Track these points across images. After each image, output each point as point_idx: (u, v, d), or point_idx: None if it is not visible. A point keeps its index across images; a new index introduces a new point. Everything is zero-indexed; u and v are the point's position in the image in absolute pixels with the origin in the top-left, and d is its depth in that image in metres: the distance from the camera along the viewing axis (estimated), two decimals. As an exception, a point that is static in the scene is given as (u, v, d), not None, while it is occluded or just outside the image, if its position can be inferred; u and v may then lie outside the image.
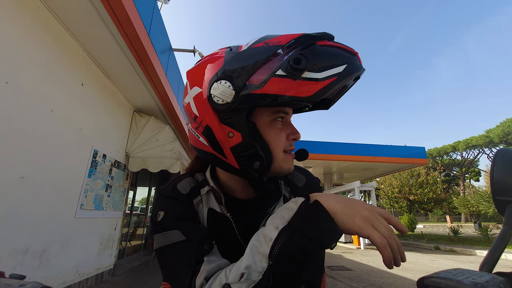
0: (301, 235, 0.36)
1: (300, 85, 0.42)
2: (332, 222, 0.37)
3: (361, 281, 4.77)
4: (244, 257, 0.39)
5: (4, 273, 0.44)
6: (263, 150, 0.48)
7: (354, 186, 10.75)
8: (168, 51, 4.75)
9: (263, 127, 0.49)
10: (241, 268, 0.37)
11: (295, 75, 0.42)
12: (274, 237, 0.37)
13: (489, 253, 0.34)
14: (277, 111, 0.51)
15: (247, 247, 0.40)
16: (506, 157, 0.39)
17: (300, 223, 0.37)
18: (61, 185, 3.12)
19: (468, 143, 36.18)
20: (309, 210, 0.38)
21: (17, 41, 2.41)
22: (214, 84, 0.46)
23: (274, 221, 0.39)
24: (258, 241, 0.39)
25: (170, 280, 0.46)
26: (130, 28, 2.94)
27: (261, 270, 0.36)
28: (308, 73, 0.42)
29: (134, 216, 7.06)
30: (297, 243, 0.35)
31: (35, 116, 2.66)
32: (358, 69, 0.45)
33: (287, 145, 0.52)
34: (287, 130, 0.53)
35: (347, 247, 10.67)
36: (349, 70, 0.43)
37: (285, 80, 0.42)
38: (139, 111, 5.22)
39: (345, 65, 0.43)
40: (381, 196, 32.28)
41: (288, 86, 0.42)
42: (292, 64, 0.42)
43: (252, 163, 0.47)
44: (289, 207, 0.40)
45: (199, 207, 0.55)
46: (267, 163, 0.48)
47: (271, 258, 0.36)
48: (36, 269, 2.74)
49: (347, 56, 0.45)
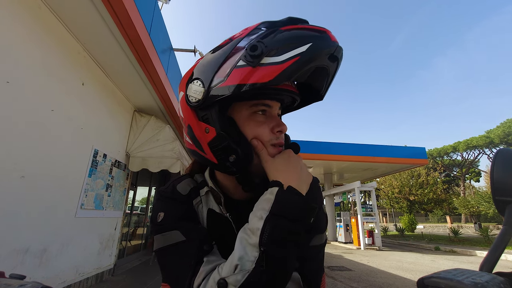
0: (284, 218, 0.40)
1: (259, 72, 0.42)
2: (305, 201, 0.42)
3: (361, 281, 4.77)
4: (235, 250, 0.40)
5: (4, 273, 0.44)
6: (238, 143, 0.48)
7: (354, 186, 10.75)
8: (169, 51, 4.75)
9: (242, 121, 0.50)
10: (234, 260, 0.38)
11: (253, 62, 0.43)
12: (261, 226, 0.39)
13: (489, 253, 0.34)
14: (255, 104, 0.50)
15: (236, 241, 0.42)
16: (506, 157, 0.39)
17: (280, 209, 0.40)
18: (61, 185, 3.12)
19: (469, 143, 36.15)
20: (285, 196, 0.41)
21: (18, 41, 2.42)
22: (189, 85, 0.50)
23: (257, 213, 0.42)
24: (246, 233, 0.41)
25: (170, 281, 0.46)
26: (131, 28, 2.94)
27: (253, 259, 0.38)
28: (267, 58, 0.43)
29: (134, 216, 7.07)
30: (282, 226, 0.39)
31: (36, 115, 2.67)
32: (327, 46, 0.43)
33: (273, 138, 0.51)
34: (271, 123, 0.51)
35: (347, 247, 10.66)
36: (315, 48, 0.42)
37: (246, 69, 0.44)
38: (139, 110, 5.22)
39: (309, 44, 0.42)
40: (381, 196, 32.28)
41: (248, 74, 0.43)
42: (249, 52, 0.43)
43: (227, 156, 0.48)
44: (267, 198, 0.42)
45: (199, 207, 0.55)
46: (244, 157, 0.48)
47: (261, 245, 0.38)
48: (36, 268, 2.74)
49: (313, 36, 0.44)
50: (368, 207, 11.20)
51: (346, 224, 11.94)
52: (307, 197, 0.43)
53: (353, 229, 10.91)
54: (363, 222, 10.45)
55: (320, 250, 0.53)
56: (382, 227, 16.61)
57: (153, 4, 3.77)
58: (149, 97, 4.69)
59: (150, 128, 5.12)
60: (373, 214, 10.94)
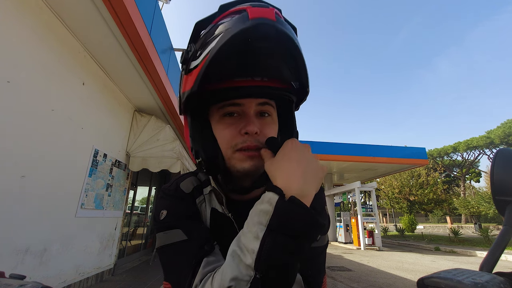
0: (283, 236, 0.34)
1: (187, 79, 0.42)
2: (312, 214, 0.35)
3: (361, 281, 4.76)
4: (227, 266, 0.35)
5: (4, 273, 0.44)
6: (204, 147, 0.49)
7: (355, 187, 10.74)
8: (169, 51, 4.75)
9: (214, 125, 0.50)
10: (226, 281, 0.34)
11: (185, 70, 0.43)
12: (257, 249, 0.34)
13: (489, 253, 0.34)
14: (223, 106, 0.48)
15: (228, 254, 0.37)
16: (506, 157, 0.39)
17: (279, 225, 0.34)
18: (61, 184, 3.13)
19: (469, 144, 36.14)
20: (286, 209, 0.34)
21: (18, 40, 2.42)
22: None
23: (252, 229, 0.36)
24: (239, 248, 0.36)
25: (171, 280, 0.46)
26: (131, 28, 2.94)
27: (248, 279, 0.33)
28: (193, 63, 0.42)
29: (135, 216, 7.06)
30: (281, 245, 0.33)
31: (36, 115, 2.67)
32: (240, 28, 0.36)
33: (239, 142, 0.46)
34: (240, 124, 0.47)
35: (347, 247, 10.65)
36: (224, 38, 0.37)
37: (184, 77, 0.45)
38: (139, 110, 5.23)
39: (220, 35, 0.38)
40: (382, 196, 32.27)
41: (184, 83, 0.44)
42: (180, 59, 0.44)
43: (196, 158, 0.51)
44: (264, 209, 0.36)
45: (202, 206, 0.54)
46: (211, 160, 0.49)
47: (258, 270, 0.33)
48: (36, 268, 2.74)
49: (230, 21, 0.39)
50: (368, 207, 11.19)
51: (346, 224, 11.93)
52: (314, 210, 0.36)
53: (353, 229, 10.90)
54: (363, 222, 10.44)
55: (322, 251, 0.53)
56: (382, 228, 16.59)
57: (154, 4, 3.77)
58: (149, 97, 4.69)
59: (150, 128, 5.12)
60: (373, 214, 10.93)
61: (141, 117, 5.16)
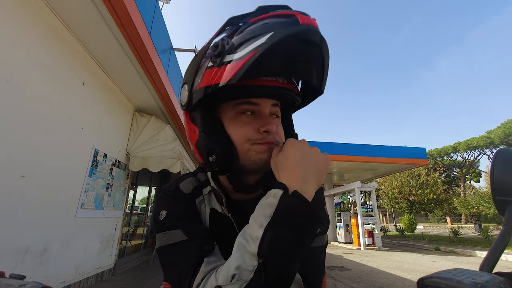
0: (286, 227, 0.36)
1: (222, 71, 0.42)
2: (312, 208, 0.38)
3: (361, 281, 4.76)
4: (232, 257, 0.38)
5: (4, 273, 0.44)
6: (218, 144, 0.47)
7: (355, 187, 10.75)
8: (169, 51, 4.75)
9: (227, 122, 0.49)
10: (231, 269, 0.36)
11: (217, 62, 0.43)
12: (260, 235, 0.36)
13: (489, 253, 0.34)
14: (239, 104, 0.48)
15: (234, 246, 0.39)
16: (506, 157, 0.39)
17: (282, 216, 0.37)
18: (61, 184, 3.13)
19: (469, 144, 36.16)
20: (289, 202, 0.37)
21: (18, 40, 2.42)
22: (181, 89, 0.52)
23: (257, 219, 0.39)
24: (245, 239, 0.39)
25: (170, 280, 0.46)
26: (131, 28, 2.94)
27: (251, 268, 0.35)
28: (229, 56, 0.42)
29: (135, 216, 7.06)
30: (283, 236, 0.36)
31: (36, 115, 2.67)
32: (293, 31, 0.39)
33: (258, 138, 0.47)
34: (258, 123, 0.48)
35: (347, 247, 10.65)
36: (276, 36, 0.38)
37: (213, 69, 0.43)
38: (139, 110, 5.23)
39: (271, 33, 0.39)
40: (382, 196, 32.28)
41: (214, 75, 0.43)
42: (212, 52, 0.43)
43: (208, 156, 0.48)
44: (269, 202, 0.39)
45: (202, 206, 0.54)
46: (224, 157, 0.47)
47: (260, 256, 0.35)
48: (36, 268, 2.74)
49: (278, 22, 0.41)
50: (368, 207, 11.19)
51: (346, 224, 11.94)
52: (314, 204, 0.39)
53: (353, 229, 10.90)
54: (363, 222, 10.45)
55: (322, 251, 0.53)
56: (382, 228, 16.60)
57: (154, 4, 3.77)
58: (150, 97, 4.69)
59: (150, 128, 5.12)
60: (373, 214, 10.93)
61: (141, 117, 5.15)
